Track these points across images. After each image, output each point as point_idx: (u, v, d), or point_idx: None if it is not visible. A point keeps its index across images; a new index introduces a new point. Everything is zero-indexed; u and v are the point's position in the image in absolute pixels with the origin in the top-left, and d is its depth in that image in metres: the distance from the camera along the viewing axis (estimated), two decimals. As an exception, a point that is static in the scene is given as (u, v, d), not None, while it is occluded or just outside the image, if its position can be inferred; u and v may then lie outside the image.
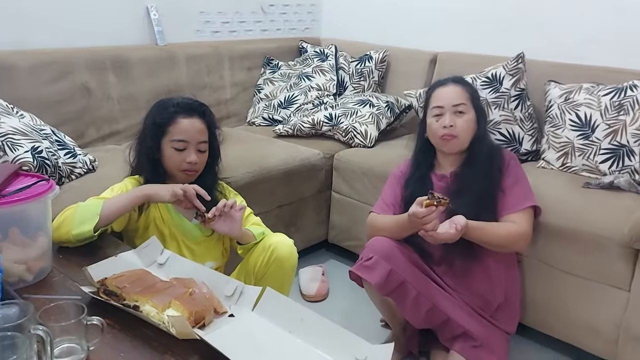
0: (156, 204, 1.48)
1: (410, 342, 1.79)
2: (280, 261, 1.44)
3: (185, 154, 1.45)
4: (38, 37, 2.20)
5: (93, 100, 2.24)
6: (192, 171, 1.48)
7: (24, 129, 1.71)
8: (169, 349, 1.00)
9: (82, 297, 1.13)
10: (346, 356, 0.99)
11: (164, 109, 1.48)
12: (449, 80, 1.68)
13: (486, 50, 2.53)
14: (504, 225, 1.57)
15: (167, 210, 1.50)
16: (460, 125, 1.60)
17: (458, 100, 1.61)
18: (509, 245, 1.59)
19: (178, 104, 1.48)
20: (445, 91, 1.65)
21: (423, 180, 1.67)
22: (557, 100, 2.08)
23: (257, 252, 1.48)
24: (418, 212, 1.41)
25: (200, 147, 1.48)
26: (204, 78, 2.63)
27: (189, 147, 1.46)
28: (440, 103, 1.62)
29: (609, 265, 1.63)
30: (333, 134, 2.46)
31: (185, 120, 1.46)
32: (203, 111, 1.51)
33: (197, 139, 1.47)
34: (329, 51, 2.87)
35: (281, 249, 1.45)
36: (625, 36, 2.21)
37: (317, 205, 2.37)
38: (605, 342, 1.69)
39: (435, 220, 1.42)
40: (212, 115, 1.54)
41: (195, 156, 1.46)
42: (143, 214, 1.46)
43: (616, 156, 1.90)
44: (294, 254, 1.48)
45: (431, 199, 1.40)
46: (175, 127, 1.45)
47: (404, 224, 1.51)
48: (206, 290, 1.14)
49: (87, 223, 1.30)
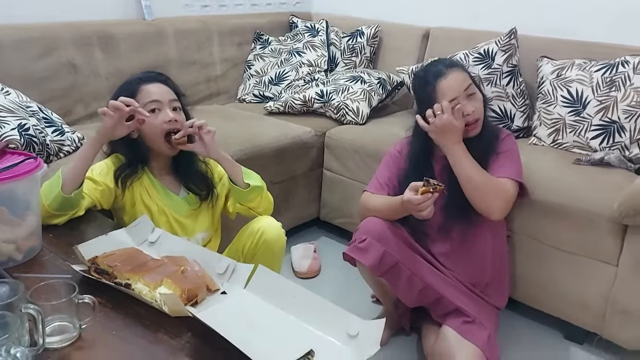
0: (140, 181, 1.46)
1: (402, 318, 1.81)
2: (269, 243, 1.44)
3: (162, 115, 1.42)
4: (22, 11, 2.15)
5: (80, 77, 2.20)
6: (175, 131, 1.42)
7: (10, 106, 1.68)
8: (162, 327, 1.01)
9: (72, 275, 1.12)
10: (338, 332, 1.00)
11: (127, 84, 1.47)
12: (443, 68, 1.58)
13: (479, 25, 2.51)
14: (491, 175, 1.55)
15: (153, 186, 1.48)
16: (478, 107, 1.56)
17: (466, 83, 1.56)
18: (488, 193, 1.51)
19: (139, 77, 1.47)
20: (450, 81, 1.55)
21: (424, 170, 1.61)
22: (549, 76, 2.07)
23: (245, 235, 1.48)
24: (413, 199, 1.40)
25: (174, 104, 1.46)
26: (193, 54, 2.59)
27: (162, 107, 1.43)
28: (453, 94, 1.54)
29: (598, 240, 1.65)
30: (324, 111, 2.44)
31: (150, 85, 1.44)
32: (165, 79, 1.50)
33: (168, 97, 1.44)
34: (320, 26, 2.83)
35: (269, 232, 1.45)
36: (617, 12, 2.20)
37: (309, 183, 2.36)
38: (593, 315, 1.72)
39: (431, 207, 1.42)
40: (176, 85, 1.53)
41: (172, 113, 1.43)
42: (127, 190, 1.44)
43: (607, 132, 1.91)
44: (282, 237, 1.48)
45: (427, 186, 1.38)
46: (142, 93, 1.43)
47: (396, 207, 1.50)
48: (198, 268, 1.14)
49: (54, 188, 1.29)
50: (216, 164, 1.55)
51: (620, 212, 1.56)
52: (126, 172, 1.44)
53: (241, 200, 1.48)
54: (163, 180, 1.50)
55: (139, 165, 1.46)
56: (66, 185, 1.29)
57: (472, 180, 1.52)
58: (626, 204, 1.55)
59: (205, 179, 1.53)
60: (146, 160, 1.47)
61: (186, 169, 1.51)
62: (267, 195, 1.52)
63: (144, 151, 1.46)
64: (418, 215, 1.43)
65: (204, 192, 1.52)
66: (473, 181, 1.52)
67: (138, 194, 1.46)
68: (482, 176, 1.52)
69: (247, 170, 1.49)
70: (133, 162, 1.45)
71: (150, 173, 1.48)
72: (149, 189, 1.48)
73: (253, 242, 1.45)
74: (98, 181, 1.40)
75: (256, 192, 1.46)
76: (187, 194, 1.52)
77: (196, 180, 1.51)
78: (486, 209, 1.53)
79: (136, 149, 1.45)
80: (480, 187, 1.52)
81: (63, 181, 1.29)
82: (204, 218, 1.54)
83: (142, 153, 1.46)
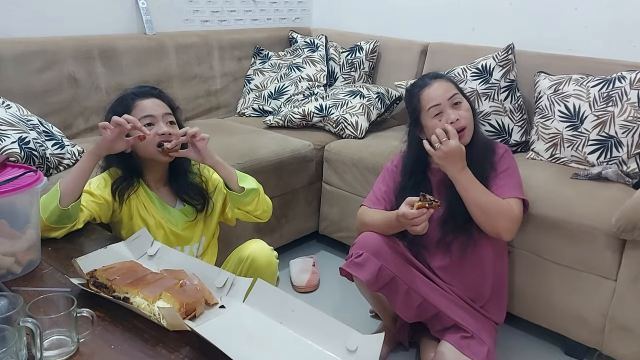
0: (137, 195, 1.46)
1: (400, 333, 1.80)
2: (259, 271, 1.42)
3: (155, 128, 1.42)
4: (24, 25, 2.17)
5: (81, 91, 2.22)
6: (168, 142, 1.42)
7: (11, 120, 1.68)
8: (160, 341, 1.00)
9: (71, 289, 1.12)
10: (337, 346, 0.99)
11: (121, 100, 1.48)
12: (428, 79, 1.62)
13: (477, 41, 2.53)
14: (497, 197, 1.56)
15: (150, 199, 1.48)
16: (463, 115, 1.57)
17: (451, 92, 1.58)
18: (495, 214, 1.52)
19: (133, 92, 1.49)
20: (433, 89, 1.59)
21: (421, 183, 1.63)
22: (547, 91, 2.09)
23: (235, 261, 1.47)
24: (408, 213, 1.40)
25: (168, 118, 1.46)
26: (193, 68, 2.61)
27: (156, 121, 1.43)
28: (435, 102, 1.57)
29: (597, 255, 1.65)
30: (324, 125, 2.45)
31: (145, 101, 1.45)
32: (159, 92, 1.51)
33: (162, 111, 1.45)
34: (319, 41, 2.86)
35: (259, 260, 1.44)
36: (613, 28, 2.22)
37: (308, 197, 2.37)
38: (592, 330, 1.71)
39: (425, 222, 1.41)
40: (169, 96, 1.54)
41: (165, 127, 1.43)
42: (124, 204, 1.45)
43: (604, 147, 1.92)
44: (273, 263, 1.47)
45: (423, 201, 1.37)
46: (136, 109, 1.44)
47: (392, 222, 1.50)
48: (197, 282, 1.14)
49: (52, 201, 1.29)
50: (211, 172, 1.56)
51: (619, 227, 1.56)
52: (122, 185, 1.45)
53: (238, 204, 1.47)
54: (159, 193, 1.51)
55: (134, 179, 1.47)
56: (64, 198, 1.29)
57: (480, 206, 1.52)
58: (624, 218, 1.55)
59: (200, 191, 1.53)
60: (140, 173, 1.48)
61: (180, 181, 1.51)
62: (264, 198, 1.52)
63: (138, 164, 1.47)
64: (412, 230, 1.43)
65: (199, 204, 1.52)
66: (482, 206, 1.52)
67: (135, 208, 1.47)
68: (489, 200, 1.53)
69: (242, 174, 1.49)
70: (128, 176, 1.46)
71: (146, 186, 1.49)
72: (146, 203, 1.48)
73: (242, 271, 1.44)
74: (96, 194, 1.41)
75: (252, 195, 1.46)
76: (183, 205, 1.52)
77: (190, 192, 1.51)
78: (495, 231, 1.54)
79: (130, 162, 1.46)
80: (489, 211, 1.52)
81: (61, 194, 1.29)
82: (201, 229, 1.54)
83: (136, 166, 1.47)
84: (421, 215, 1.39)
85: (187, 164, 1.53)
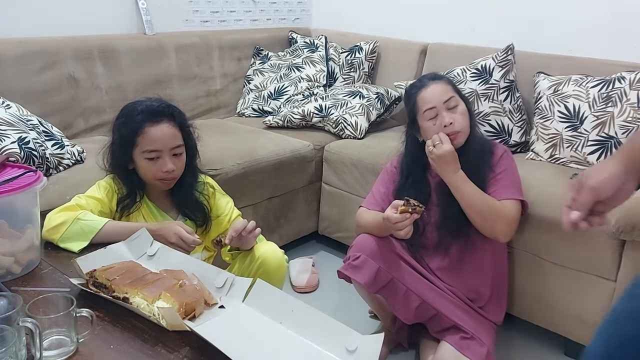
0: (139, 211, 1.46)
1: (399, 334, 1.80)
2: (268, 274, 1.38)
3: (160, 163, 1.39)
4: (23, 25, 2.17)
5: (81, 91, 2.22)
6: (169, 179, 1.42)
7: (10, 120, 1.68)
8: (160, 341, 1.00)
9: (71, 289, 1.12)
10: (337, 347, 1.00)
11: (130, 118, 1.40)
12: (426, 80, 1.63)
13: (476, 41, 2.53)
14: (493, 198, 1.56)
15: (150, 212, 1.48)
16: (458, 119, 1.57)
17: (447, 95, 1.58)
18: (491, 217, 1.52)
19: (143, 111, 1.39)
20: (429, 91, 1.59)
21: (419, 184, 1.63)
22: (546, 91, 2.09)
23: (243, 261, 1.45)
24: (391, 217, 1.40)
25: (176, 151, 1.41)
26: (193, 68, 2.61)
27: (162, 155, 1.39)
28: (430, 104, 1.57)
29: (596, 256, 1.65)
30: (323, 125, 2.45)
31: (154, 129, 1.38)
32: (171, 113, 1.42)
33: (170, 144, 1.39)
34: (319, 42, 2.86)
35: (269, 262, 1.40)
36: (613, 28, 2.22)
37: (308, 197, 2.37)
38: (591, 331, 1.69)
39: (409, 227, 1.41)
40: (182, 115, 1.46)
41: (171, 164, 1.39)
42: (123, 217, 1.45)
43: (604, 148, 1.92)
44: (283, 266, 1.44)
45: (406, 206, 1.36)
46: (144, 137, 1.37)
47: (381, 224, 1.50)
48: (196, 282, 1.14)
49: (76, 242, 1.30)
50: (218, 193, 1.55)
51: (618, 228, 1.56)
52: (126, 202, 1.44)
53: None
54: (160, 204, 1.49)
55: (137, 194, 1.45)
56: (99, 239, 1.31)
57: (475, 208, 1.53)
58: (624, 219, 1.55)
59: (202, 208, 1.51)
60: (143, 186, 1.47)
61: (182, 195, 1.49)
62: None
63: (140, 181, 1.45)
64: (396, 234, 1.43)
65: (199, 220, 1.50)
66: (476, 208, 1.53)
67: (134, 220, 1.46)
68: (484, 202, 1.53)
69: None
70: (132, 192, 1.45)
71: (147, 198, 1.48)
72: (146, 215, 1.48)
73: (251, 272, 1.41)
74: (105, 203, 1.42)
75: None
76: (184, 220, 1.50)
77: (192, 206, 1.49)
78: (491, 233, 1.55)
79: (134, 179, 1.44)
80: (484, 213, 1.52)
81: (98, 237, 1.31)
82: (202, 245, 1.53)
83: (138, 182, 1.45)
84: (404, 220, 1.39)
85: (191, 180, 1.50)
